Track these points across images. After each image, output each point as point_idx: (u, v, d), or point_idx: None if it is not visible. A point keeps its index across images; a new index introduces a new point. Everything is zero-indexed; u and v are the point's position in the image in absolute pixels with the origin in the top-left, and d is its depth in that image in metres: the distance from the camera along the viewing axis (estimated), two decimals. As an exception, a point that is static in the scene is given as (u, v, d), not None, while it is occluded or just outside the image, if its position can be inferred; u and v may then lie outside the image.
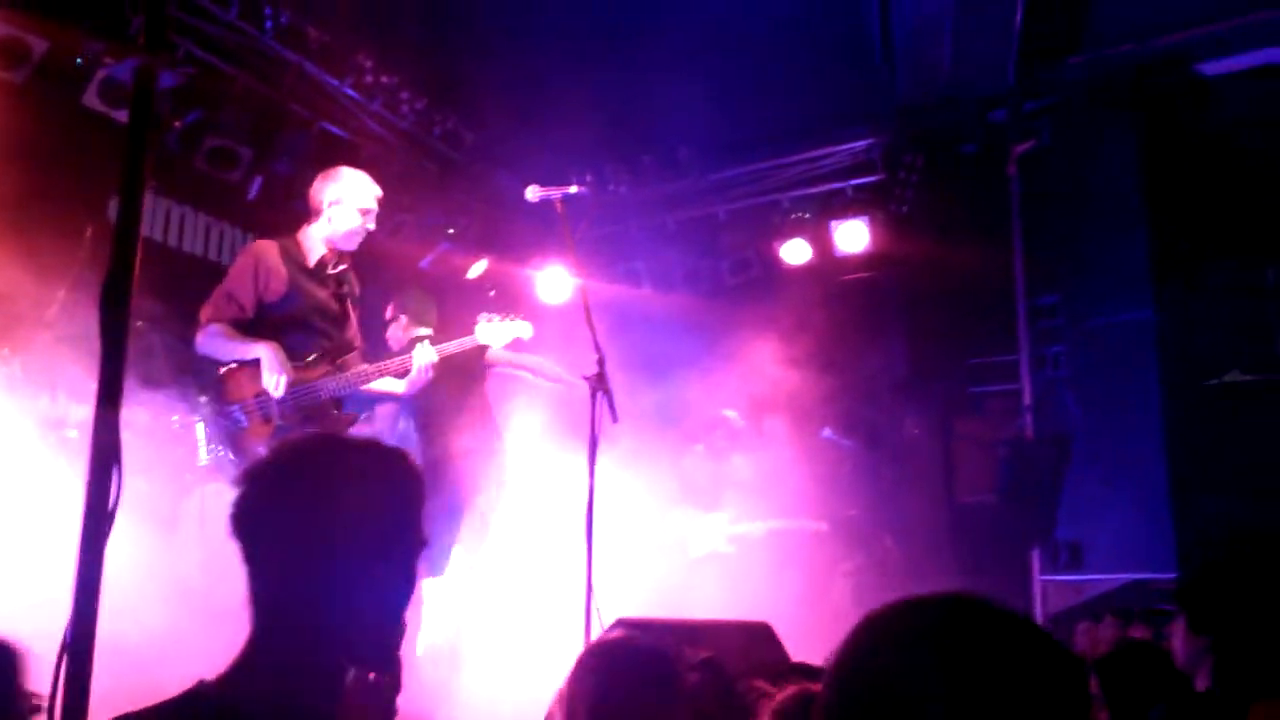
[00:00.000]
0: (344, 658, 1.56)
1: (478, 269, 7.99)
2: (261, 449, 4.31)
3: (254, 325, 4.49)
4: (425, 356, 4.69)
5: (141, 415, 4.25)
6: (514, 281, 7.93)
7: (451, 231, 7.93)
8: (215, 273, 6.75)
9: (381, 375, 4.69)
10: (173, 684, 1.75)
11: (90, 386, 2.32)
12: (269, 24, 6.39)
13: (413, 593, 1.64)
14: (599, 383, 4.38)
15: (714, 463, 7.23)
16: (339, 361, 4.64)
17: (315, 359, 4.56)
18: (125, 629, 2.83)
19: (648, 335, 7.40)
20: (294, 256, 4.63)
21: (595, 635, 3.88)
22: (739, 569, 6.74)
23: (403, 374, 4.72)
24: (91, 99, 5.75)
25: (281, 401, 4.39)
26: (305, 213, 7.06)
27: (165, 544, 4.28)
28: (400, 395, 4.87)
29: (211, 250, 6.93)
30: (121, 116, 5.50)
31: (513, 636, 5.68)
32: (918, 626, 1.21)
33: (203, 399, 4.44)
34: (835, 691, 1.22)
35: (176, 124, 6.21)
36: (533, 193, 4.61)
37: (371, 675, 1.59)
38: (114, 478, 2.17)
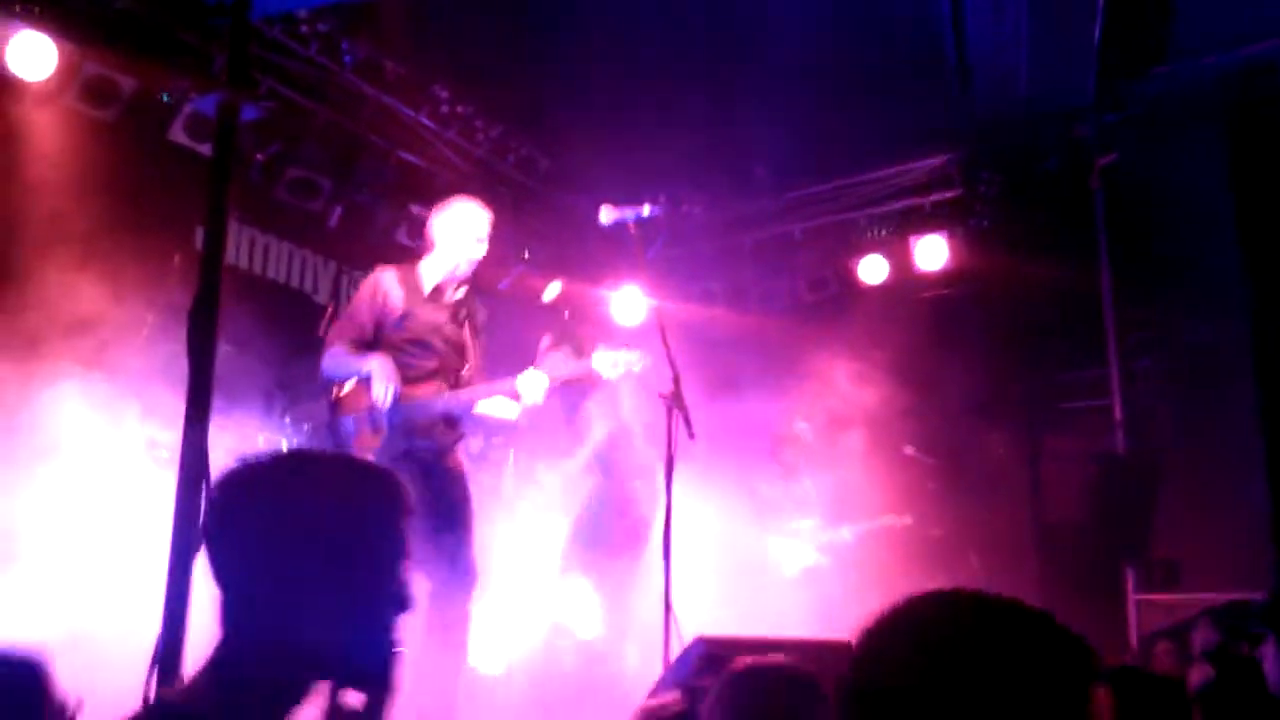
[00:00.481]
0: (312, 675, 1.51)
1: (553, 291, 8.04)
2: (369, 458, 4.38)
3: (373, 347, 4.60)
4: (536, 381, 4.61)
5: (229, 436, 4.34)
6: (589, 303, 7.97)
7: (527, 255, 8.01)
8: (299, 299, 6.94)
9: (491, 395, 4.66)
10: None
11: (180, 408, 2.38)
12: (347, 59, 6.55)
13: (399, 609, 1.57)
14: (675, 400, 4.37)
15: (786, 481, 7.15)
16: (453, 380, 4.69)
17: (428, 375, 4.61)
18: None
19: (723, 355, 7.37)
20: (411, 283, 4.73)
21: (675, 653, 3.84)
22: (834, 583, 6.66)
23: (514, 396, 4.66)
24: (178, 134, 5.95)
25: (391, 413, 4.45)
26: (384, 239, 7.26)
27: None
28: (514, 421, 4.81)
29: (294, 277, 7.09)
30: (206, 150, 5.67)
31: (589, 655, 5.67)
32: (931, 617, 1.27)
33: (286, 419, 4.53)
34: (855, 678, 1.26)
35: (259, 156, 6.39)
36: (606, 214, 4.60)
37: (354, 698, 1.54)
38: (203, 493, 2.22)
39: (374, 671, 1.54)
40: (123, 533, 4.15)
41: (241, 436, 4.54)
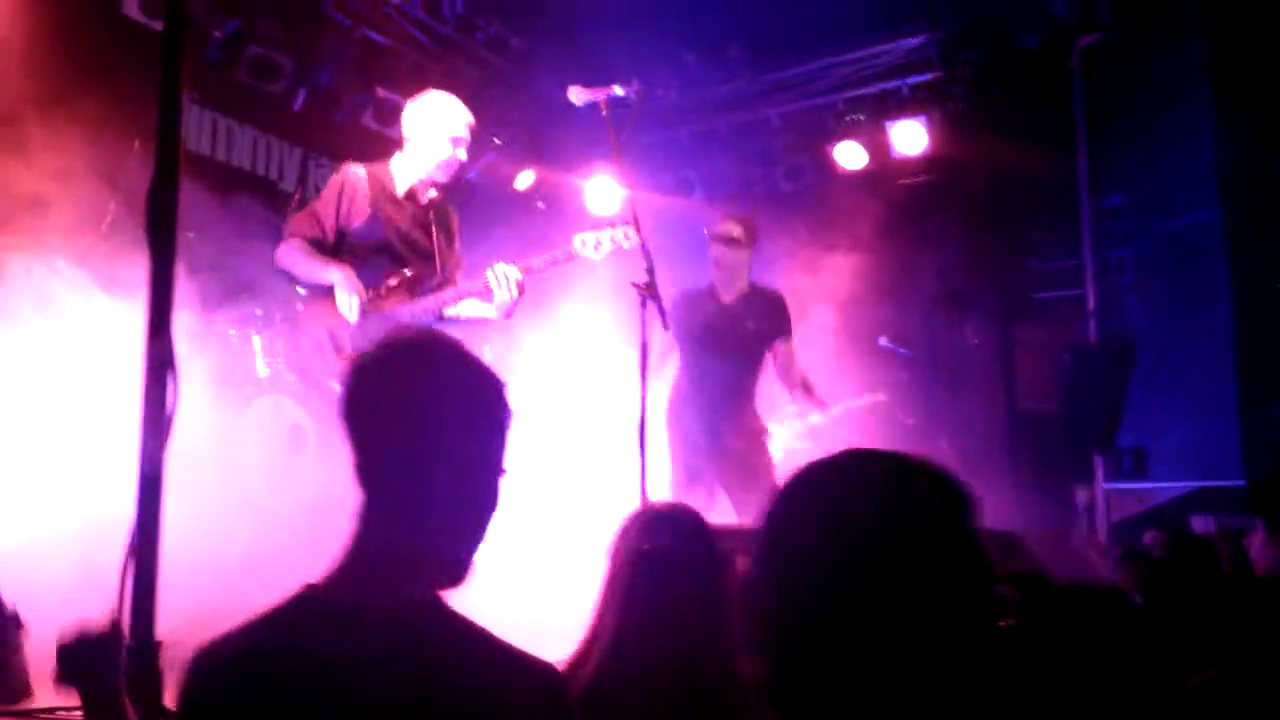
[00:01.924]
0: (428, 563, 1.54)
1: (525, 180, 7.88)
2: (335, 384, 4.26)
3: (335, 250, 4.42)
4: (506, 274, 4.34)
5: (197, 328, 4.25)
6: (562, 191, 7.82)
7: (498, 142, 7.81)
8: (264, 186, 6.75)
9: (462, 298, 4.48)
10: (251, 593, 1.75)
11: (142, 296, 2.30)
12: (307, -73, 6.26)
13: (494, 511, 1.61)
14: (648, 291, 4.27)
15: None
16: (423, 289, 4.50)
17: (393, 286, 4.44)
18: (194, 541, 2.85)
19: (700, 244, 7.28)
20: (382, 184, 4.50)
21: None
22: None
23: (487, 296, 4.44)
24: (131, 8, 5.71)
25: (355, 329, 4.29)
26: (350, 124, 7.04)
27: (225, 456, 4.32)
28: (492, 320, 4.58)
29: (259, 164, 6.89)
30: (161, 26, 5.43)
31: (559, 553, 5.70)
32: (814, 480, 1.28)
33: (258, 312, 4.43)
34: (765, 523, 1.29)
35: (216, 34, 6.14)
36: (576, 95, 4.40)
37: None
38: (170, 385, 2.16)
39: (464, 570, 1.59)
40: (90, 422, 4.08)
41: (207, 327, 4.44)
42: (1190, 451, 6.40)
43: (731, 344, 5.36)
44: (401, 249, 4.50)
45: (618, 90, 4.36)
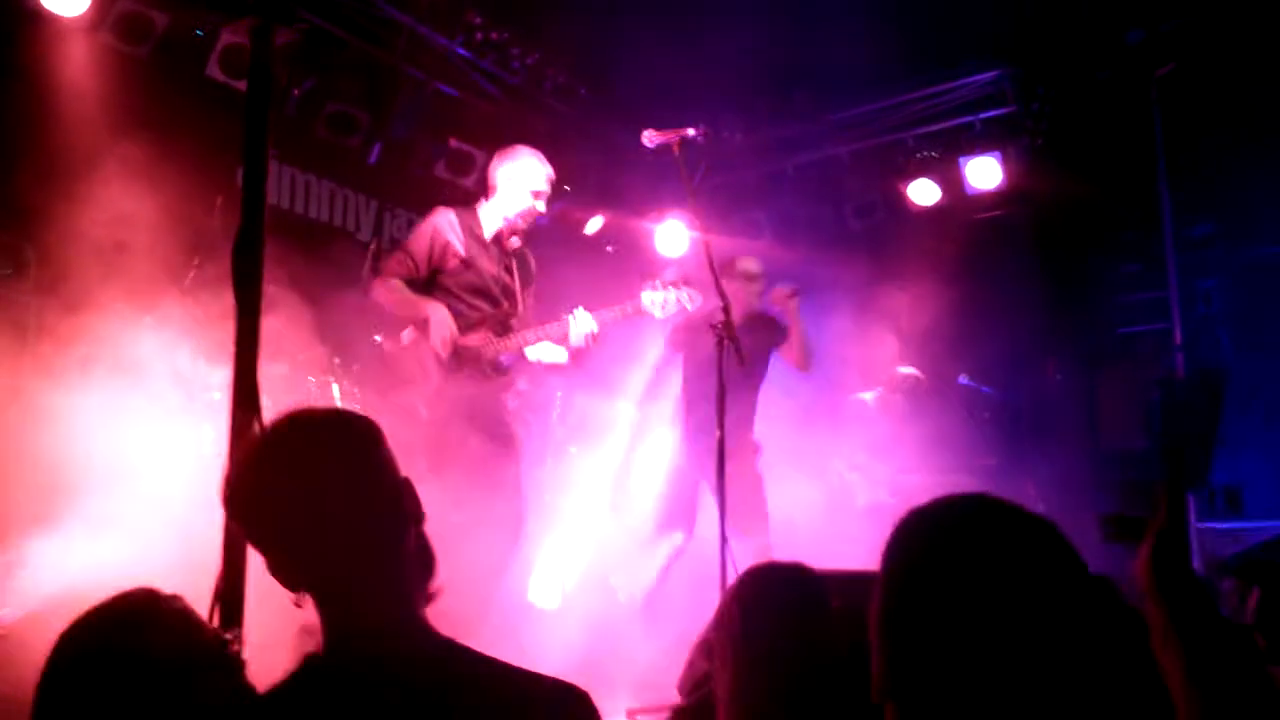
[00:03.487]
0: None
1: (594, 225, 7.94)
2: (423, 409, 4.43)
3: (426, 287, 4.65)
4: (584, 324, 4.60)
5: (278, 375, 4.32)
6: (632, 236, 7.86)
7: (567, 189, 7.88)
8: (341, 237, 6.90)
9: (540, 340, 4.69)
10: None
11: (228, 349, 2.34)
12: (379, -14, 6.41)
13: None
14: (725, 330, 4.34)
15: (884, 416, 7.01)
16: (504, 328, 4.73)
17: (480, 322, 4.67)
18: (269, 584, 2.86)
19: (769, 286, 7.23)
20: (471, 229, 4.75)
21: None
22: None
23: (563, 341, 4.69)
24: (214, 70, 5.88)
25: (445, 364, 4.50)
26: (423, 175, 7.19)
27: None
28: (563, 365, 4.84)
29: (337, 216, 7.05)
30: (243, 86, 5.58)
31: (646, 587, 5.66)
32: (941, 524, 1.33)
33: (336, 360, 4.52)
34: (882, 590, 1.33)
35: (295, 92, 6.31)
36: (649, 138, 4.53)
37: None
38: (256, 429, 2.18)
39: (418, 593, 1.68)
40: (176, 472, 4.15)
41: (291, 375, 4.51)
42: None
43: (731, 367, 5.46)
44: (490, 289, 4.73)
45: (690, 132, 4.43)
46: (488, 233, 4.77)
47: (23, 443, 4.01)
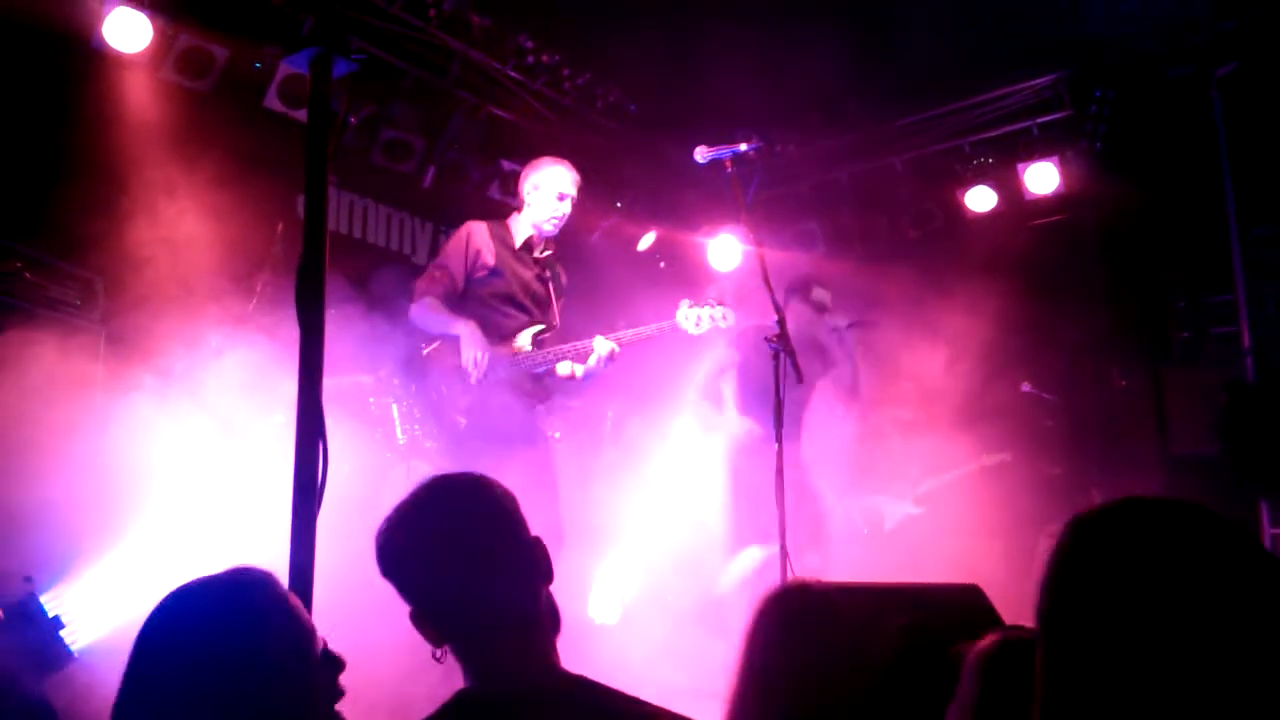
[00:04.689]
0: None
1: (647, 241, 7.97)
2: (461, 418, 4.48)
3: (463, 299, 4.74)
4: (602, 349, 4.70)
5: (340, 399, 4.38)
6: (685, 250, 7.86)
7: (619, 205, 7.92)
8: (399, 260, 7.00)
9: (564, 358, 4.77)
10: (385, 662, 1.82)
11: (291, 373, 2.38)
12: (432, 12, 6.51)
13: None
14: (781, 343, 4.30)
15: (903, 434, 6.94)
16: (537, 338, 4.80)
17: (514, 332, 4.75)
18: (334, 611, 2.89)
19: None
20: (502, 238, 4.86)
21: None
22: (934, 532, 6.48)
23: (583, 359, 4.77)
24: (273, 101, 6.01)
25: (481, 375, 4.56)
26: (477, 196, 7.28)
27: (368, 525, 4.40)
28: (578, 380, 4.88)
29: (394, 240, 7.16)
30: (301, 116, 5.69)
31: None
32: (1134, 529, 1.16)
33: (395, 381, 4.57)
34: (1049, 597, 1.19)
35: (352, 120, 6.42)
36: (701, 154, 4.53)
37: None
38: (320, 455, 2.21)
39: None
40: (243, 497, 4.22)
41: (354, 398, 4.58)
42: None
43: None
44: (524, 298, 4.83)
45: (742, 147, 4.43)
46: (518, 241, 4.88)
47: (93, 470, 4.10)
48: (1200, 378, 6.85)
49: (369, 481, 4.57)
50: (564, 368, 4.83)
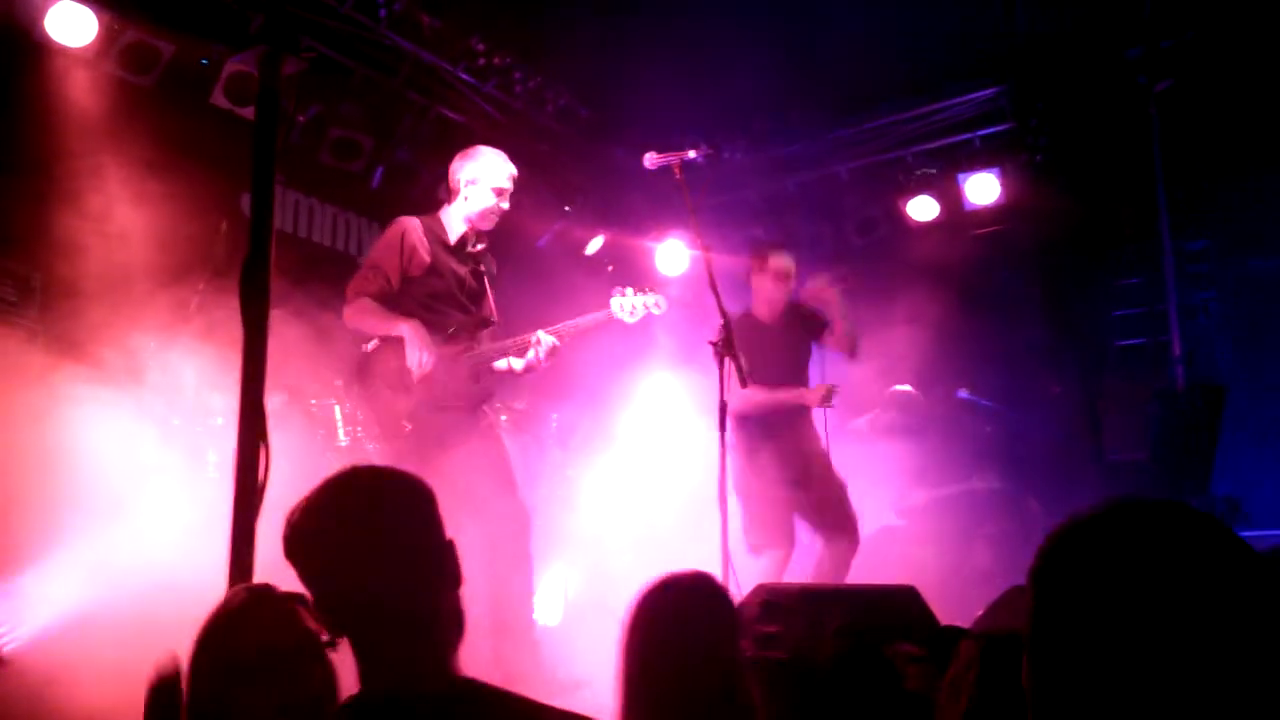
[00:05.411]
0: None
1: (595, 245, 7.98)
2: (406, 423, 4.39)
3: (398, 298, 4.55)
4: (544, 340, 4.61)
5: (280, 400, 4.35)
6: (632, 255, 7.90)
7: (568, 209, 7.94)
8: (343, 261, 6.94)
9: (505, 355, 4.68)
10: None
11: (230, 375, 2.37)
12: (383, 13, 6.47)
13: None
14: (725, 347, 4.34)
15: (881, 438, 6.99)
16: (476, 336, 4.70)
17: (454, 333, 4.61)
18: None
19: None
20: (436, 233, 4.68)
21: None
22: (908, 541, 6.58)
23: (520, 355, 4.67)
24: (219, 98, 5.94)
25: (423, 376, 4.43)
26: (425, 198, 7.23)
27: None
28: (517, 373, 4.79)
29: (339, 240, 7.10)
30: (248, 113, 5.65)
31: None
32: (1128, 531, 1.17)
33: (338, 382, 4.53)
34: (1038, 600, 1.19)
35: (300, 118, 6.38)
36: (650, 160, 4.55)
37: None
38: (261, 456, 2.21)
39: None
40: (179, 497, 4.18)
41: (292, 400, 4.54)
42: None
43: (774, 362, 5.43)
44: (461, 296, 4.67)
45: (690, 154, 4.46)
46: (452, 237, 4.70)
47: (27, 468, 4.03)
48: (1133, 386, 7.04)
49: (309, 483, 4.53)
50: (503, 363, 4.74)
